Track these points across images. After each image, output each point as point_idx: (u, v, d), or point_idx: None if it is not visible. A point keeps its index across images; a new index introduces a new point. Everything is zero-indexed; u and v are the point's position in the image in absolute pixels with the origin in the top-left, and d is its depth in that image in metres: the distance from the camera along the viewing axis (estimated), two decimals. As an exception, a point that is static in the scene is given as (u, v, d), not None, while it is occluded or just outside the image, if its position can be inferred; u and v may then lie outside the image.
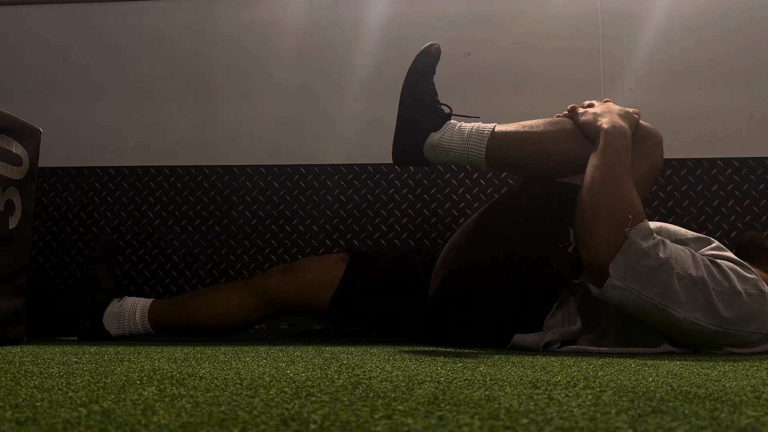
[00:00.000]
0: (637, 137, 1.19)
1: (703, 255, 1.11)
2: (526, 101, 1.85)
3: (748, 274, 1.08)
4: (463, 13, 1.90)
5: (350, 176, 1.83)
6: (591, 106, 1.22)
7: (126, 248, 1.83)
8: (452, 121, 1.20)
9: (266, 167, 1.86)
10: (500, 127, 1.20)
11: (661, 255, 1.03)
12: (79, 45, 1.96)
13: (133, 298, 1.42)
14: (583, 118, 1.18)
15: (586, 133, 1.17)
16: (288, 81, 1.92)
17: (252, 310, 1.39)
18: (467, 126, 1.20)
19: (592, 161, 1.12)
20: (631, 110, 1.21)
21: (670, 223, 1.72)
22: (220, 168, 1.86)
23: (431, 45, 1.24)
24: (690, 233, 1.19)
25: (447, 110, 1.21)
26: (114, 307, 1.40)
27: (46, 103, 1.93)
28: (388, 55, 1.90)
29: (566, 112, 1.24)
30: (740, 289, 1.06)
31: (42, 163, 1.39)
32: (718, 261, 1.10)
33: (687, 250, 1.09)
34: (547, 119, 1.23)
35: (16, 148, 1.27)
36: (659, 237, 1.07)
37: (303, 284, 1.36)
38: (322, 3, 1.94)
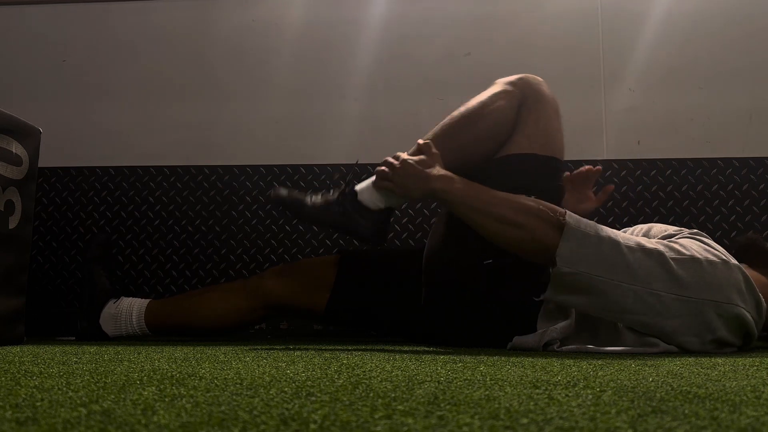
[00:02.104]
0: (521, 101, 1.23)
1: (677, 238, 1.11)
2: (526, 101, 1.85)
3: (711, 248, 1.06)
4: (464, 12, 1.90)
5: (350, 176, 1.83)
6: (388, 168, 1.19)
7: (126, 248, 1.83)
8: (356, 188, 1.23)
9: (266, 167, 1.86)
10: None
11: (601, 233, 1.03)
12: (79, 45, 1.96)
13: (130, 299, 1.41)
14: (412, 194, 1.17)
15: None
16: (288, 81, 1.92)
17: (248, 312, 1.39)
18: (366, 181, 1.24)
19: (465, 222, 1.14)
20: (418, 158, 1.17)
21: (670, 223, 1.73)
22: (220, 168, 1.86)
23: (275, 192, 1.27)
24: (673, 227, 1.18)
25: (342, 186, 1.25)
26: (110, 308, 1.39)
27: (46, 103, 1.93)
28: (389, 55, 1.90)
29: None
30: (701, 257, 1.03)
31: (42, 163, 1.39)
32: (682, 240, 1.08)
33: (639, 235, 1.09)
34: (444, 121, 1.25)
35: (16, 148, 1.27)
36: (594, 222, 1.07)
37: (299, 286, 1.36)
38: (322, 3, 1.94)
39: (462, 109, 1.25)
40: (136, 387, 0.57)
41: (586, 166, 1.48)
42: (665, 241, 1.08)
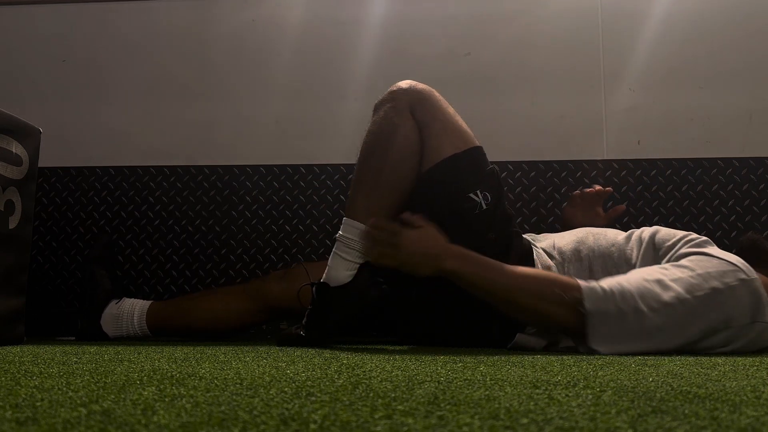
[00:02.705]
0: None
1: (679, 255, 1.11)
2: (527, 100, 1.85)
3: (726, 267, 1.06)
4: (464, 12, 1.90)
5: (350, 176, 1.83)
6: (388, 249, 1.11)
7: (126, 248, 1.83)
8: (324, 279, 1.17)
9: (266, 167, 1.86)
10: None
11: (621, 306, 1.02)
12: (79, 45, 1.96)
13: (131, 300, 1.42)
14: (421, 270, 1.10)
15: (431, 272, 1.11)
16: (288, 80, 1.92)
17: (250, 315, 1.39)
18: (330, 263, 1.18)
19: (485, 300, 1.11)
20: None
21: (670, 223, 1.73)
22: (220, 168, 1.86)
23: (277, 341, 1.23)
24: (679, 232, 1.18)
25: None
26: (112, 308, 1.40)
27: (46, 103, 1.93)
28: (389, 55, 1.90)
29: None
30: (721, 286, 1.04)
31: (42, 163, 1.39)
32: (689, 263, 1.08)
33: (651, 278, 1.06)
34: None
35: (16, 148, 1.27)
36: (608, 288, 1.04)
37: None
38: (322, 2, 1.94)
39: (364, 152, 1.19)
40: (136, 387, 0.57)
41: (597, 187, 1.49)
42: (682, 273, 1.06)
